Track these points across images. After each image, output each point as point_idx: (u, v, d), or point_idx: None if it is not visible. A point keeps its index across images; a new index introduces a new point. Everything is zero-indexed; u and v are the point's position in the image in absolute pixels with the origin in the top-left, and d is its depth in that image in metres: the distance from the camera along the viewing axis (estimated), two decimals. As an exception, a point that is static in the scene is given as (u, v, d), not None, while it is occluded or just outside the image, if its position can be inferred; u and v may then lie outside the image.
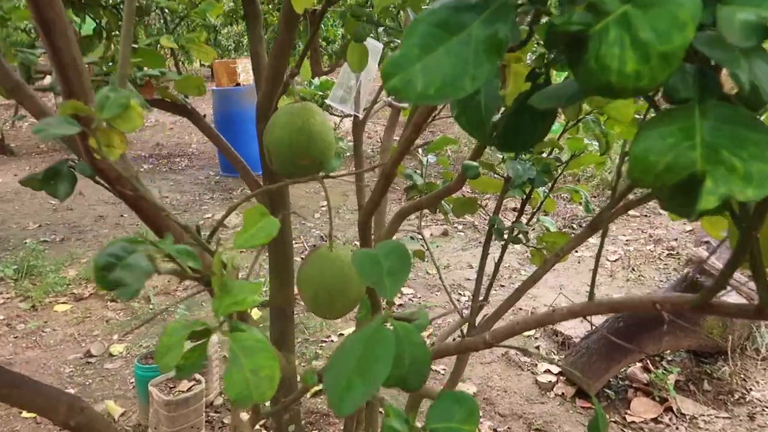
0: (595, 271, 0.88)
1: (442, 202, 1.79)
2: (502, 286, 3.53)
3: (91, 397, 2.34)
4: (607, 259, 3.94)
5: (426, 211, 1.69)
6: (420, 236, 1.86)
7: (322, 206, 5.09)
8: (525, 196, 1.29)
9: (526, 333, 2.86)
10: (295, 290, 1.72)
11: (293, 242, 4.08)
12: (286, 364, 1.38)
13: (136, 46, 1.36)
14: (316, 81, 2.11)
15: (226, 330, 0.55)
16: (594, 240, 4.37)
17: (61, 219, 4.87)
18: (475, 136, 0.50)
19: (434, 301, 3.33)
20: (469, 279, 3.62)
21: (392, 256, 0.56)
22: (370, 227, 1.17)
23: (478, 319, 1.36)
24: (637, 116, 1.03)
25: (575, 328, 2.68)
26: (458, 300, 3.35)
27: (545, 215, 1.43)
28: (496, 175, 1.35)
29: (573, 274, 3.70)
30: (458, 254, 4.08)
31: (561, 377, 2.39)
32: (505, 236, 1.30)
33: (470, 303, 2.95)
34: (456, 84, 0.37)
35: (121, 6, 1.40)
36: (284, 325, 1.45)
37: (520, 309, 3.18)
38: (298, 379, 1.46)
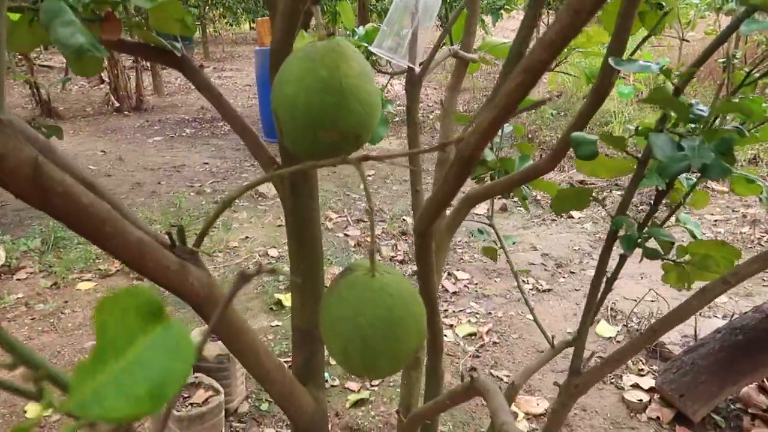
0: None
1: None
2: (572, 272, 3.08)
3: (103, 396, 2.07)
4: (694, 243, 3.42)
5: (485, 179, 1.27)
6: (490, 226, 1.46)
7: (369, 175, 4.71)
8: (665, 186, 0.86)
9: (607, 334, 2.43)
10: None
11: (335, 216, 3.70)
12: (313, 404, 1.02)
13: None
14: (361, 30, 1.69)
15: None
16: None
17: (97, 186, 4.66)
18: None
19: (492, 289, 2.92)
20: (533, 263, 3.18)
21: None
22: (430, 239, 0.78)
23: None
24: None
25: (670, 334, 2.23)
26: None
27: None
28: (620, 154, 0.92)
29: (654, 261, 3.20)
30: (519, 233, 3.63)
31: (654, 395, 1.96)
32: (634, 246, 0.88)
33: (536, 294, 2.51)
34: None
35: None
36: (311, 351, 1.08)
37: (595, 302, 2.73)
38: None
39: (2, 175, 0.48)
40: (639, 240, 0.84)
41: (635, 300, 2.73)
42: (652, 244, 0.90)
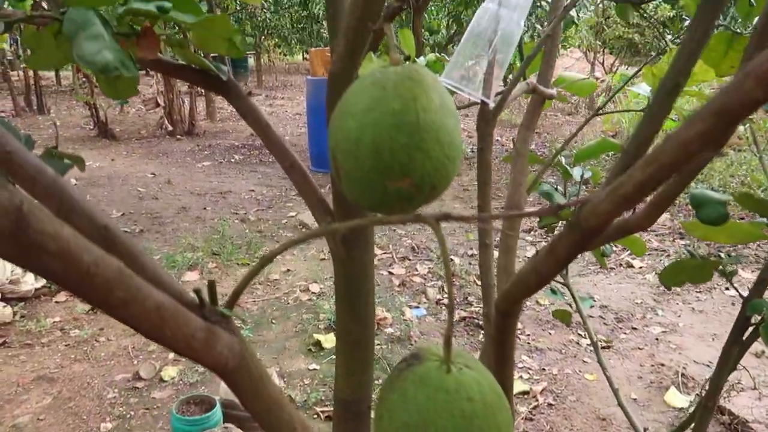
0: None
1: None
2: (634, 328, 2.83)
3: (128, 436, 1.95)
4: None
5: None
6: (565, 287, 1.29)
7: (416, 211, 4.56)
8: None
9: (678, 404, 2.18)
10: (376, 377, 1.20)
11: (380, 252, 3.55)
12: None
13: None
14: (422, 60, 1.57)
15: None
16: (750, 275, 3.52)
17: (144, 208, 4.67)
18: None
19: (547, 342, 2.70)
20: (590, 315, 2.95)
21: None
22: (516, 319, 0.62)
23: None
24: None
25: (753, 407, 1.97)
26: (577, 343, 2.70)
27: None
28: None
29: (727, 318, 2.93)
30: (574, 281, 3.40)
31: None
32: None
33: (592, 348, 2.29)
34: None
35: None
36: (354, 428, 0.93)
37: (662, 365, 2.48)
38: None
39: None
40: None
41: (707, 364, 2.46)
42: None
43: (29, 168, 0.53)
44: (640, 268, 3.53)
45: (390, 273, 3.42)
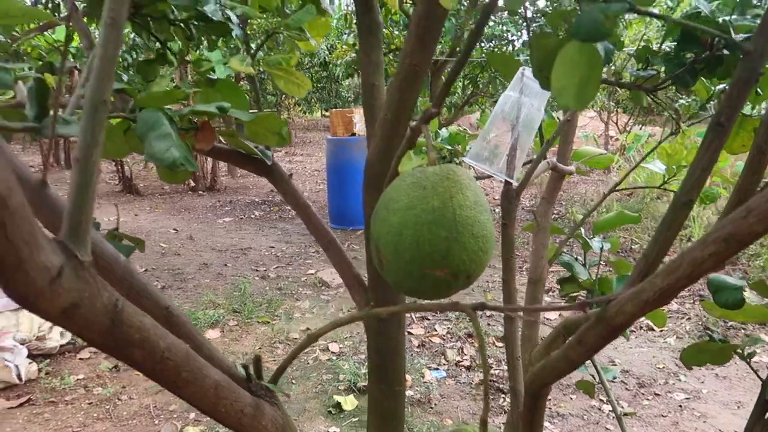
0: None
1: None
2: (657, 394, 2.79)
3: (149, 499, 1.95)
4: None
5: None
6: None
7: (434, 270, 4.58)
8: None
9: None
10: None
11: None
12: None
13: (213, 77, 0.97)
14: (444, 132, 1.65)
15: None
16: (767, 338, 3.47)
17: (167, 264, 4.75)
18: None
19: (568, 407, 2.67)
20: (611, 381, 2.92)
21: None
22: (545, 400, 0.65)
23: None
24: None
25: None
26: (599, 409, 2.67)
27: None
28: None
29: (752, 385, 2.88)
30: (595, 343, 3.38)
31: None
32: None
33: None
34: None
35: (196, 22, 1.03)
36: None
37: (687, 433, 2.44)
38: None
39: (76, 327, 0.41)
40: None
41: (734, 434, 2.42)
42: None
43: (107, 257, 0.60)
44: (661, 331, 3.50)
45: (409, 333, 3.42)
